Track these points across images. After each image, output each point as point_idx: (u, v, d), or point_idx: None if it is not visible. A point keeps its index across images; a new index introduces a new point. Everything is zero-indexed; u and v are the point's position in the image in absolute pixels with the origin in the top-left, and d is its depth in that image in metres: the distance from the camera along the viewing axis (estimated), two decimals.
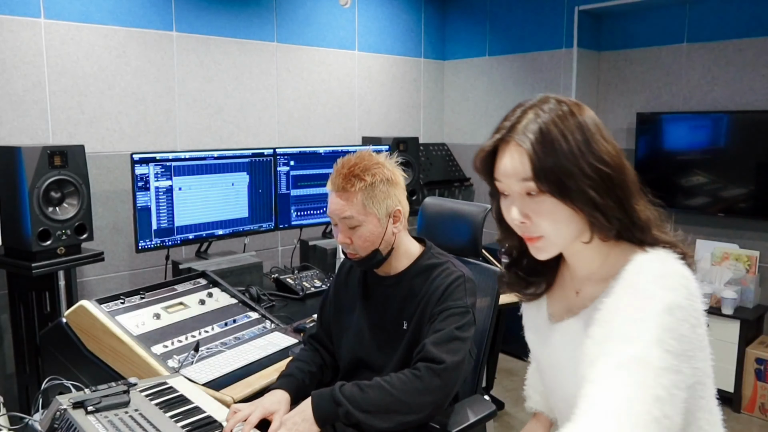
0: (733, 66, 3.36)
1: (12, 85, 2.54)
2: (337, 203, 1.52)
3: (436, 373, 1.41)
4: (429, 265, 1.58)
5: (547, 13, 3.86)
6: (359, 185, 1.49)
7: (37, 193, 2.21)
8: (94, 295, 2.72)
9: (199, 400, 1.41)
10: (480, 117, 4.34)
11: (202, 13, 3.10)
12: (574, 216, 0.93)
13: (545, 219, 0.93)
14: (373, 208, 1.51)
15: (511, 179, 0.94)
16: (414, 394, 1.40)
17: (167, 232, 2.54)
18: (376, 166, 1.53)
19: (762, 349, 3.18)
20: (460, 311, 1.48)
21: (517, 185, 0.94)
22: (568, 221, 0.93)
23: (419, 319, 1.52)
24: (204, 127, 3.18)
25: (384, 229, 1.53)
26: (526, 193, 0.94)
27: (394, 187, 1.54)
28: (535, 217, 0.94)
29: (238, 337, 1.98)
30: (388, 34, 4.05)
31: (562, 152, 0.90)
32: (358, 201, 1.49)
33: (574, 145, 0.91)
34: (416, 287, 1.56)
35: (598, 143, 0.92)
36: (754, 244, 3.35)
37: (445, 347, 1.43)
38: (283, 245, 3.54)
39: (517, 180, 0.93)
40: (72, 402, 1.27)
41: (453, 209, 2.06)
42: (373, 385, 1.42)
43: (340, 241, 1.55)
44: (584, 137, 0.92)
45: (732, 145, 3.33)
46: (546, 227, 0.94)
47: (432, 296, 1.52)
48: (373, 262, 1.56)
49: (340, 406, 1.39)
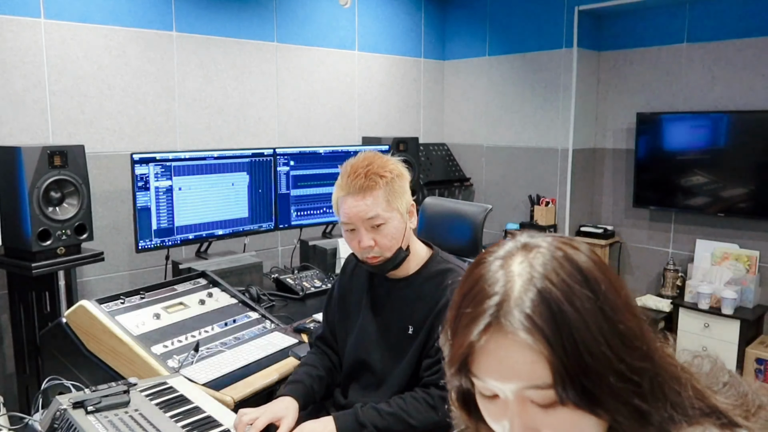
0: (733, 66, 3.35)
1: (12, 85, 2.54)
2: (359, 205, 1.47)
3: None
4: (440, 271, 1.56)
5: (547, 13, 3.86)
6: (381, 182, 1.47)
7: (37, 193, 2.21)
8: (94, 295, 2.72)
9: (199, 400, 1.41)
10: (480, 117, 4.34)
11: (202, 13, 3.10)
12: (599, 425, 0.65)
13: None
14: (396, 203, 1.49)
15: (513, 384, 0.63)
16: (428, 424, 1.44)
17: (167, 232, 2.54)
18: (388, 162, 1.52)
19: (762, 349, 3.18)
20: None
21: (524, 393, 0.63)
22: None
23: (430, 327, 1.50)
24: (204, 127, 3.18)
25: (405, 224, 1.53)
26: (535, 403, 0.63)
27: (406, 181, 1.55)
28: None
29: (238, 337, 1.98)
30: (388, 34, 4.05)
31: (585, 342, 0.60)
32: (382, 198, 1.47)
33: (596, 328, 0.61)
34: (426, 292, 1.53)
35: (623, 318, 0.63)
36: (754, 244, 3.35)
37: None
38: (283, 245, 3.53)
39: (523, 387, 0.62)
40: (72, 402, 1.27)
41: (453, 209, 2.06)
42: (392, 412, 1.44)
43: (363, 246, 1.49)
44: (604, 313, 0.62)
45: (732, 145, 3.32)
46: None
47: (446, 309, 1.48)
48: (396, 262, 1.53)
49: (364, 428, 1.42)
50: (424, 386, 1.49)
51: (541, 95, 3.96)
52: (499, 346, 0.62)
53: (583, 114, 3.88)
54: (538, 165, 4.03)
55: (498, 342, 0.62)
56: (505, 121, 4.19)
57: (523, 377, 0.62)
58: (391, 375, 1.55)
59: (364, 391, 1.59)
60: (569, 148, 3.83)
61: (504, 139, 4.22)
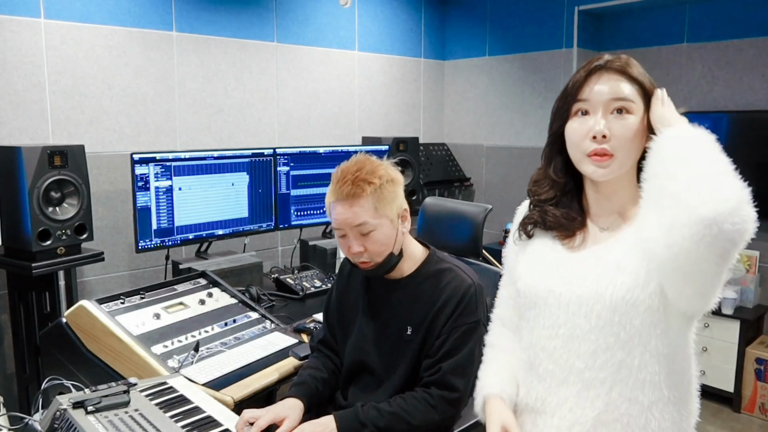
0: (733, 66, 3.35)
1: (12, 85, 2.54)
2: (346, 212, 1.46)
3: (451, 403, 1.46)
4: (437, 271, 1.56)
5: (547, 13, 3.86)
6: (369, 189, 1.46)
7: (37, 193, 2.21)
8: (94, 295, 2.72)
9: (199, 400, 1.41)
10: (480, 117, 4.34)
11: (202, 13, 3.10)
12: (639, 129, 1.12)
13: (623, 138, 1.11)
14: (385, 210, 1.48)
15: (605, 96, 1.10)
16: (429, 423, 1.45)
17: (167, 232, 2.54)
18: (379, 167, 1.50)
19: (762, 349, 3.18)
20: (473, 326, 1.49)
21: (611, 104, 1.10)
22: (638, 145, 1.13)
23: (428, 327, 1.50)
24: (204, 127, 3.18)
25: (396, 230, 1.52)
26: (616, 110, 1.10)
27: (398, 186, 1.53)
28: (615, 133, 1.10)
29: (238, 337, 1.98)
30: (388, 34, 4.05)
31: (649, 84, 1.12)
32: (370, 205, 1.46)
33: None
34: (424, 293, 1.54)
35: None
36: (754, 244, 3.30)
37: (461, 373, 1.46)
38: (283, 245, 3.54)
39: (611, 99, 1.09)
40: (72, 402, 1.27)
41: (454, 209, 2.06)
42: (392, 411, 1.45)
43: (353, 252, 1.49)
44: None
45: (732, 145, 3.31)
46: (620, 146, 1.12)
47: (444, 308, 1.49)
48: (387, 267, 1.53)
49: (364, 427, 1.42)
50: (425, 386, 1.49)
51: (541, 95, 3.96)
52: (600, 76, 1.11)
53: None
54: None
55: (600, 74, 1.11)
56: (505, 121, 4.19)
57: (613, 92, 1.10)
58: (390, 376, 1.55)
59: (363, 393, 1.59)
60: None
61: (504, 139, 4.22)
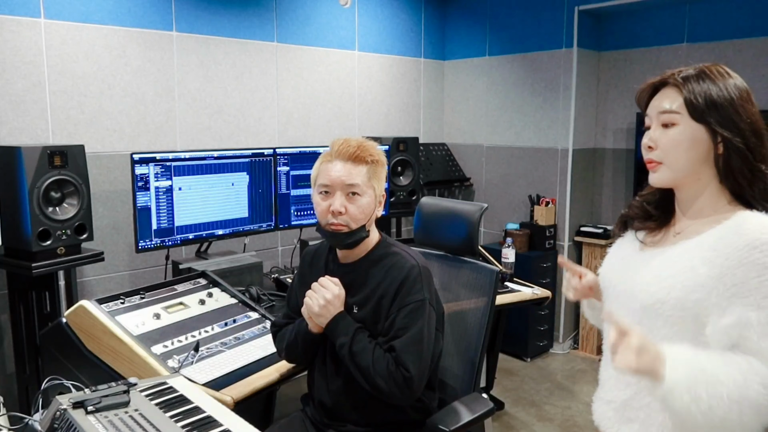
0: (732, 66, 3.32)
1: (12, 85, 2.54)
2: (344, 170, 1.56)
3: (399, 385, 1.50)
4: (384, 254, 1.63)
5: (547, 13, 3.86)
6: (369, 159, 1.58)
7: (37, 193, 2.21)
8: (94, 295, 2.72)
9: (199, 400, 1.41)
10: (480, 117, 4.34)
11: (202, 13, 3.11)
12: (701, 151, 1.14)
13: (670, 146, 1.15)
14: (375, 183, 1.61)
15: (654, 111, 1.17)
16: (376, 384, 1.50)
17: (167, 232, 2.54)
18: (375, 147, 1.63)
19: None
20: (420, 304, 1.54)
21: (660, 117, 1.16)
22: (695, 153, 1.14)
23: (374, 309, 1.57)
24: (204, 127, 3.18)
25: (375, 206, 1.62)
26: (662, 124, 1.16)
27: (385, 172, 1.66)
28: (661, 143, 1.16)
29: (238, 337, 1.98)
30: (388, 34, 4.05)
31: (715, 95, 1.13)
32: (366, 173, 1.58)
33: (726, 93, 1.13)
34: (370, 277, 1.61)
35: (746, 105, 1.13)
36: None
37: (412, 351, 1.50)
38: (283, 245, 3.54)
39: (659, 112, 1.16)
40: (72, 402, 1.27)
41: (449, 208, 2.06)
42: (367, 348, 1.52)
43: (334, 208, 1.56)
44: (736, 93, 1.14)
45: None
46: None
47: (388, 290, 1.56)
48: (355, 238, 1.60)
49: (344, 336, 1.53)
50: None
51: (541, 95, 3.96)
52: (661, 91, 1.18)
53: (583, 114, 3.88)
54: (538, 165, 4.03)
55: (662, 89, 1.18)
56: (505, 121, 4.19)
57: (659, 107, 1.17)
58: None
59: (323, 365, 1.67)
60: (569, 148, 3.83)
61: (504, 139, 4.22)
